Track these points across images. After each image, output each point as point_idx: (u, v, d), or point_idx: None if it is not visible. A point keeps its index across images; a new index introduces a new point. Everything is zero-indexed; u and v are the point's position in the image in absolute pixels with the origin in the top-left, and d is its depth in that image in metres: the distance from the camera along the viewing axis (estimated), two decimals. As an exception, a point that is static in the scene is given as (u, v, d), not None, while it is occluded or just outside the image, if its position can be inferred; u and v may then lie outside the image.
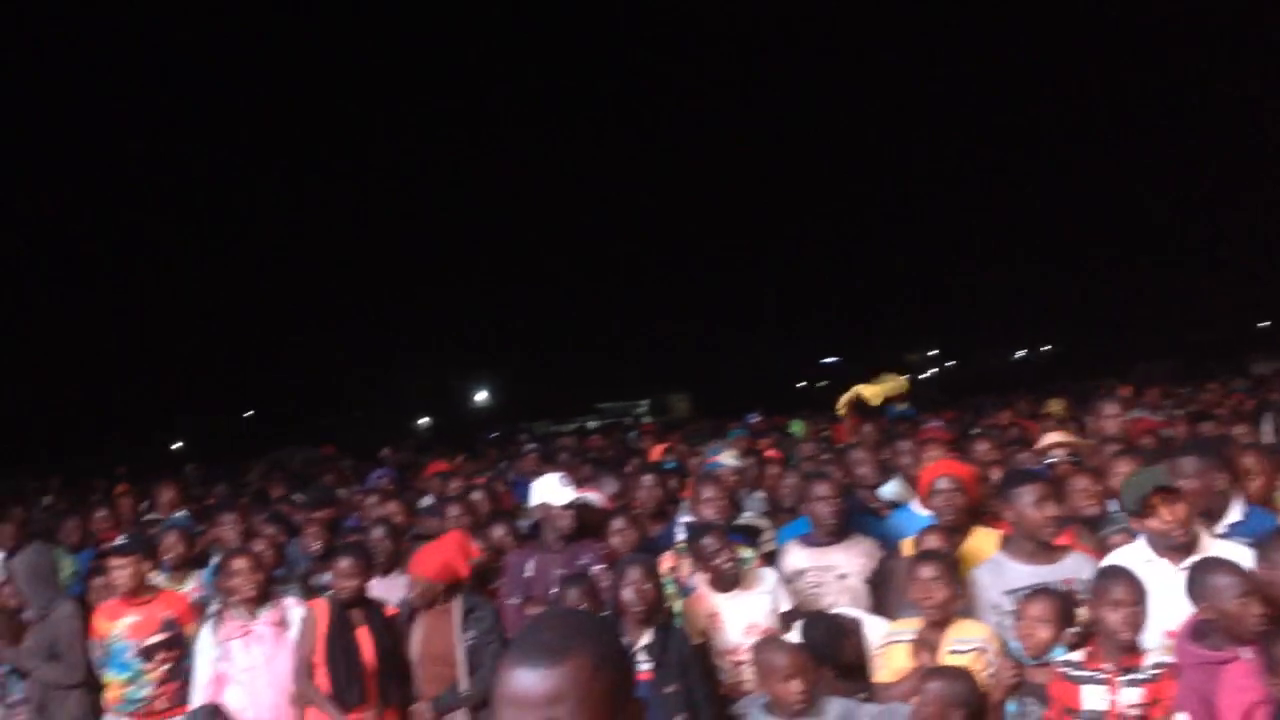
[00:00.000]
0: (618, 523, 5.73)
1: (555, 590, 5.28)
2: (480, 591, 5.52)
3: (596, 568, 5.47)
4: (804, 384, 52.88)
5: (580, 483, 6.34)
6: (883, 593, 4.99)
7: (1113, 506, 4.93)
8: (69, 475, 16.12)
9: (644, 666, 4.50)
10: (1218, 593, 3.55)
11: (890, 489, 6.44)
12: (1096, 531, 4.84)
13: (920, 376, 55.59)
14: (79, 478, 15.56)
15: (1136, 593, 3.79)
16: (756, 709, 4.12)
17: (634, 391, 49.72)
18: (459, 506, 6.49)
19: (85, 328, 36.74)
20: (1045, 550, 4.44)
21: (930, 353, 60.27)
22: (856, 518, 5.51)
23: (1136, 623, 3.77)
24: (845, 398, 9.95)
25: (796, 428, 13.00)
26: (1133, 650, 3.77)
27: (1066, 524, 4.72)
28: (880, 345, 52.90)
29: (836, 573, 5.05)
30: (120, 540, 6.00)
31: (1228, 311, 40.88)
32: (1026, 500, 4.44)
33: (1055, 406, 10.76)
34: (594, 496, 6.35)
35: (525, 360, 48.45)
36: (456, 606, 5.21)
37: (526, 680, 1.49)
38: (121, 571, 5.53)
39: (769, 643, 4.23)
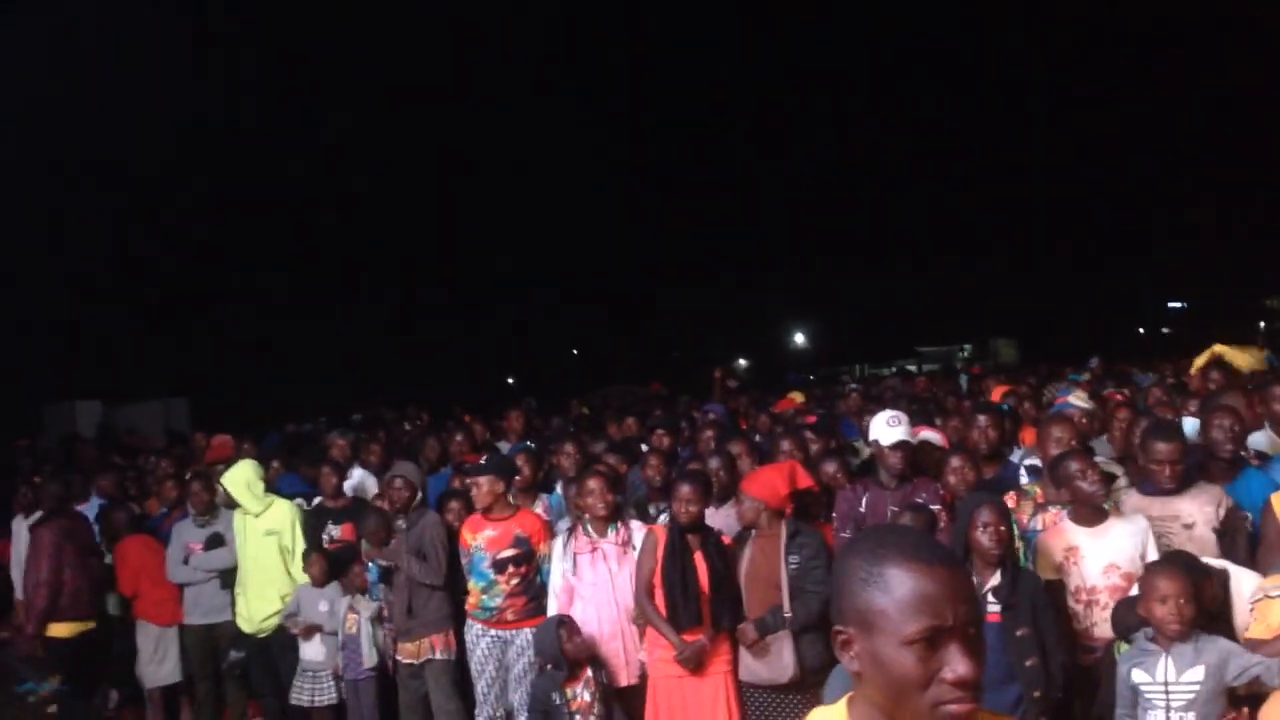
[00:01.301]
0: (955, 461, 5.58)
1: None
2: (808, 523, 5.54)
3: (932, 506, 5.37)
4: (1144, 330, 49.21)
5: (913, 422, 6.21)
6: (1232, 542, 4.64)
7: None
8: (421, 405, 17.58)
9: (993, 609, 4.38)
10: None
11: (1259, 438, 5.92)
12: None
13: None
14: (433, 407, 16.95)
15: None
16: (1143, 636, 3.96)
17: (956, 336, 48.05)
18: (790, 441, 6.52)
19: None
20: None
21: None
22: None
23: None
24: (1202, 359, 9.06)
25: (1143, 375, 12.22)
26: None
27: None
28: (1235, 289, 48.30)
29: (1182, 521, 4.72)
30: (481, 461, 6.44)
31: None
32: None
33: None
34: (932, 435, 6.21)
35: (845, 302, 47.95)
36: (783, 531, 5.26)
37: (945, 576, 1.48)
38: (481, 489, 5.96)
39: (1157, 565, 4.02)
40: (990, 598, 4.40)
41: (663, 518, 5.90)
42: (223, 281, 34.55)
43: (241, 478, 7.05)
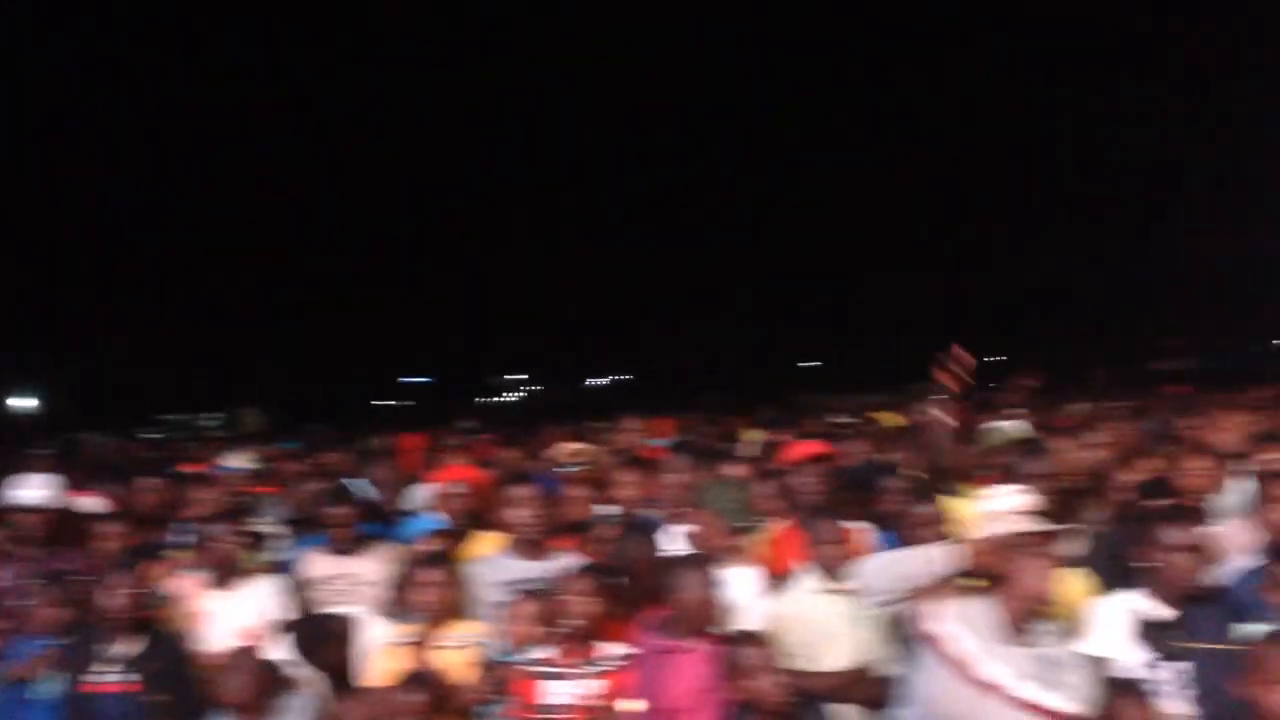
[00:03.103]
0: (108, 527, 5.39)
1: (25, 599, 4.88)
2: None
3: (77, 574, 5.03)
4: (388, 402, 52.37)
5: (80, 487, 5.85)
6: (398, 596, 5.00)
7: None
8: None
9: (131, 677, 4.31)
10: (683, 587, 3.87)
11: (418, 496, 6.47)
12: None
13: (502, 399, 57.22)
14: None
15: (598, 588, 4.03)
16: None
17: (206, 404, 46.72)
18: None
19: None
20: (540, 548, 4.72)
21: (517, 377, 61.87)
22: (382, 525, 5.61)
23: (598, 616, 3.99)
24: None
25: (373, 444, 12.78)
26: (595, 644, 4.00)
27: (564, 528, 4.96)
28: (470, 367, 53.70)
29: (360, 580, 5.04)
30: None
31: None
32: (519, 500, 4.73)
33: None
34: (87, 501, 5.86)
35: (79, 366, 44.24)
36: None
37: None
38: None
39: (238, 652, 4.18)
40: (127, 665, 4.31)
41: None
42: None
43: None
